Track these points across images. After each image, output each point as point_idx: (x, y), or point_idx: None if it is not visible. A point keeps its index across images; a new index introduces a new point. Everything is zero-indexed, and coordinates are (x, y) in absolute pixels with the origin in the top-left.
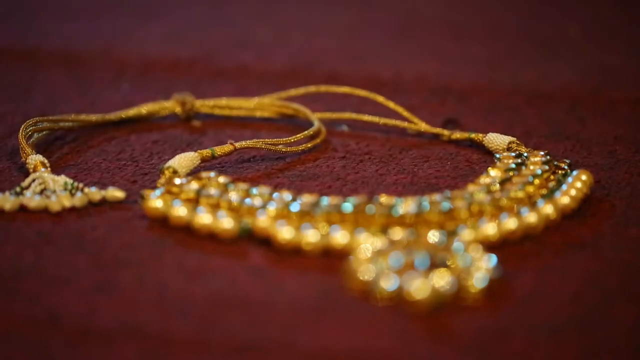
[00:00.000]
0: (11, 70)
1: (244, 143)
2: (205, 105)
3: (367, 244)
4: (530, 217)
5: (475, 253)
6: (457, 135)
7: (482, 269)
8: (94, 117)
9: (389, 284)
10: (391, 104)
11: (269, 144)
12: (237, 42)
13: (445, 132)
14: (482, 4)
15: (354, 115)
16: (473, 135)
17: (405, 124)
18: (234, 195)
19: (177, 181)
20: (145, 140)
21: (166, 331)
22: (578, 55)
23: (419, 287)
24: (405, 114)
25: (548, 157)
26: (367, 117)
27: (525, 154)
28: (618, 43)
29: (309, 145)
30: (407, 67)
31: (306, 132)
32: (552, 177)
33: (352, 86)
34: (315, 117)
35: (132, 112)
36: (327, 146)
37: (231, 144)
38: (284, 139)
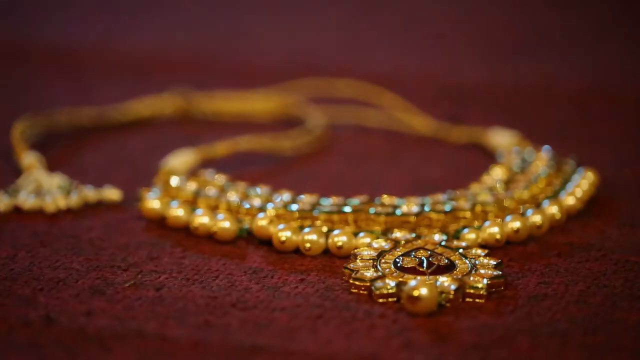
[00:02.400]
0: (7, 67)
1: (243, 142)
2: (204, 103)
3: (369, 244)
4: (535, 218)
5: (478, 254)
6: (460, 134)
7: (485, 269)
8: (90, 115)
9: (390, 285)
10: (393, 103)
11: (269, 143)
12: (237, 39)
13: (448, 132)
14: (485, 2)
15: (355, 115)
16: (476, 135)
17: (407, 123)
18: (233, 196)
19: (175, 181)
20: (142, 139)
21: (164, 333)
22: (582, 53)
23: (422, 288)
24: (407, 113)
25: (553, 156)
26: (368, 117)
27: (530, 154)
28: (623, 41)
29: (310, 145)
30: (408, 66)
31: (307, 131)
32: (556, 177)
33: (353, 85)
34: (316, 116)
35: (129, 109)
36: (328, 145)
37: (231, 143)
38: (285, 138)
